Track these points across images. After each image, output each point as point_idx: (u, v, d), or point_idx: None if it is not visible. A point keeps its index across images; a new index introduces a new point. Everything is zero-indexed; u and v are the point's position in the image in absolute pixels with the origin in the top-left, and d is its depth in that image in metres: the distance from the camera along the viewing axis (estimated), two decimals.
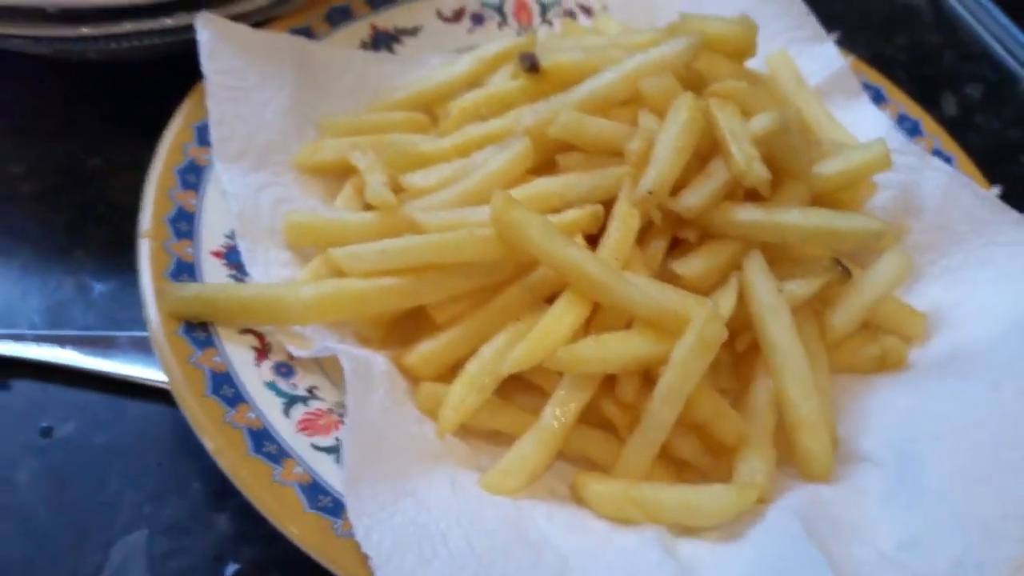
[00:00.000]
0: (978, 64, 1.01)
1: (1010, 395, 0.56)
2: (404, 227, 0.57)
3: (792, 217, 0.58)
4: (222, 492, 0.53)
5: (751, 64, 0.70)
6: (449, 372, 0.55)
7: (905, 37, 1.02)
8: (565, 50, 0.66)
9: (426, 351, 0.55)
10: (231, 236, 0.58)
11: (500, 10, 0.79)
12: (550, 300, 0.56)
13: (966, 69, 1.00)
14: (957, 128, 0.90)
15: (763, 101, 0.63)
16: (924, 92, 0.94)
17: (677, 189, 0.58)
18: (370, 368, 0.52)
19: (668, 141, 0.58)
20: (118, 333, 0.61)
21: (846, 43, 0.92)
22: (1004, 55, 1.02)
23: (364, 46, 0.73)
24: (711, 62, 0.64)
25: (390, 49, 0.74)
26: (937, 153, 0.74)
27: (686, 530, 0.52)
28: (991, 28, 1.04)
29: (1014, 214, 0.66)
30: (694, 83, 0.63)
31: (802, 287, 0.59)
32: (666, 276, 0.58)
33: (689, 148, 0.58)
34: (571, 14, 0.80)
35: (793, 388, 0.56)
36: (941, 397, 0.58)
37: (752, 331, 0.58)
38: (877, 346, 0.62)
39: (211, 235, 0.58)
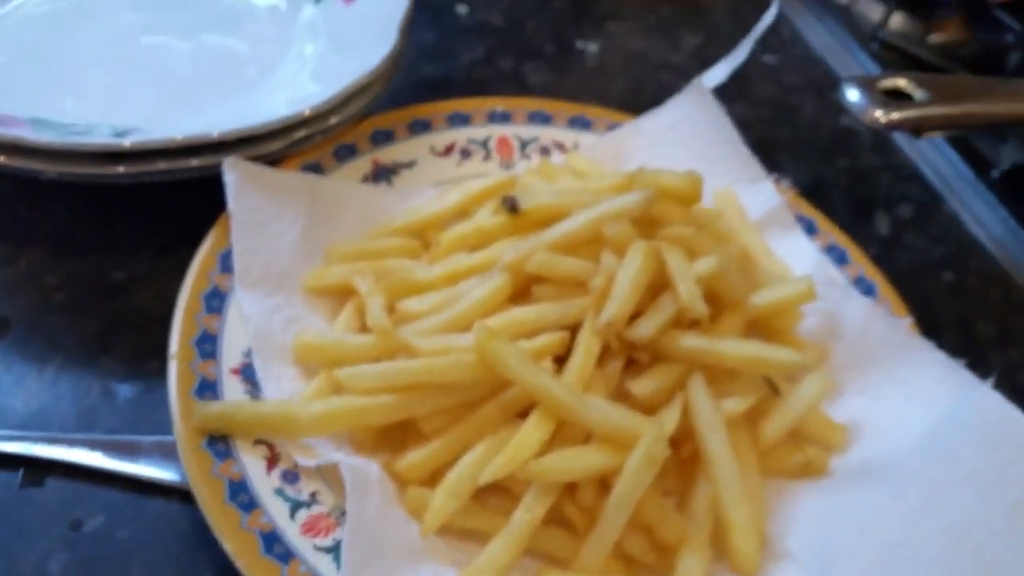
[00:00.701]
0: (910, 185, 1.12)
1: (911, 504, 0.65)
2: (399, 349, 0.67)
3: (728, 347, 0.68)
4: None
5: (703, 198, 0.81)
6: (433, 477, 0.64)
7: (845, 160, 1.13)
8: (542, 194, 0.76)
9: (414, 460, 0.64)
10: (247, 354, 0.67)
11: (485, 145, 0.90)
12: (522, 415, 0.65)
13: (899, 190, 1.11)
14: (888, 246, 1.02)
15: (707, 243, 0.73)
16: (860, 211, 1.06)
17: (632, 319, 0.68)
18: (366, 476, 0.61)
19: (625, 279, 0.68)
20: (142, 438, 0.68)
21: (790, 166, 1.04)
22: (932, 176, 1.13)
23: (366, 179, 0.84)
24: (664, 207, 0.75)
25: (389, 181, 0.85)
26: (861, 280, 0.85)
27: None
28: (922, 151, 1.16)
29: (923, 341, 0.76)
30: (648, 224, 0.74)
31: (736, 405, 0.69)
32: (622, 393, 0.68)
33: (643, 285, 0.68)
34: (546, 150, 0.91)
35: (727, 495, 0.65)
36: (855, 503, 0.68)
37: (694, 441, 0.68)
38: (802, 455, 0.72)
39: (231, 354, 0.66)
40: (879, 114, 0.86)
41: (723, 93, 0.95)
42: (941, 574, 0.61)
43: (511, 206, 0.75)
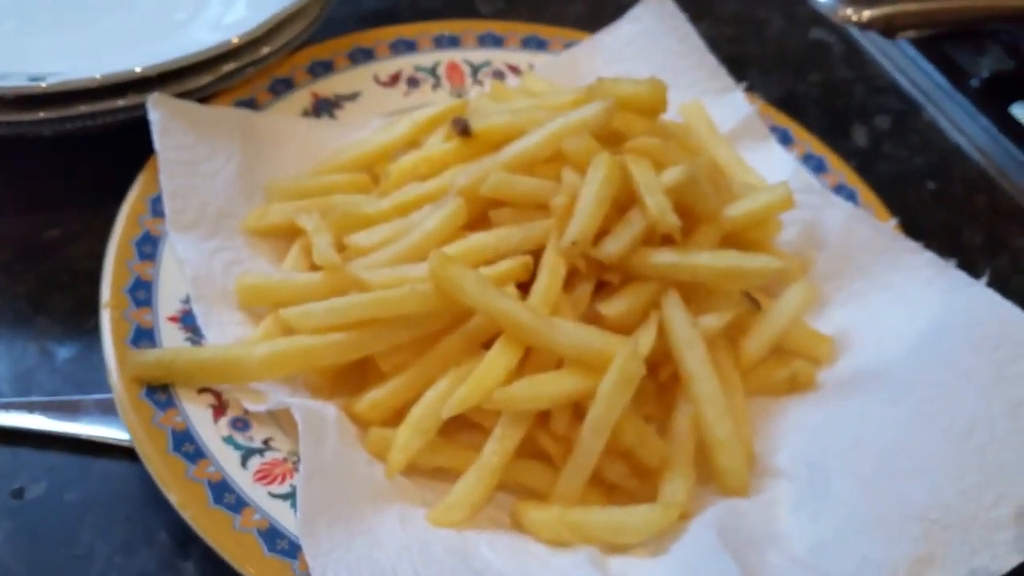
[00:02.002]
0: (886, 96, 1.08)
1: (906, 409, 0.62)
2: (350, 285, 0.62)
3: (703, 259, 0.64)
4: (187, 541, 0.57)
5: (668, 115, 0.76)
6: (396, 417, 0.60)
7: (817, 74, 1.09)
8: (494, 114, 0.71)
9: (374, 398, 0.60)
10: (186, 301, 0.63)
11: (433, 72, 0.84)
12: (487, 345, 0.61)
13: (875, 101, 1.07)
14: (868, 158, 0.98)
15: (675, 153, 0.68)
16: (836, 125, 1.02)
17: (599, 238, 0.64)
18: (321, 417, 0.57)
19: (589, 195, 0.63)
20: (83, 397, 0.64)
21: (759, 83, 0.99)
22: (908, 86, 1.09)
23: (306, 113, 0.78)
24: (626, 120, 0.70)
25: (331, 115, 0.79)
26: (841, 187, 0.81)
27: (616, 548, 0.57)
28: (897, 61, 1.12)
29: (910, 243, 0.72)
30: (611, 140, 0.69)
31: (715, 320, 0.65)
32: (592, 317, 0.64)
33: (608, 201, 0.63)
34: (500, 75, 0.86)
35: (709, 412, 0.61)
36: (846, 414, 0.64)
37: (672, 363, 0.64)
38: (787, 369, 0.68)
39: (168, 301, 0.62)
40: (850, 12, 0.82)
41: (686, 11, 0.90)
42: (943, 478, 0.57)
43: (462, 128, 0.70)
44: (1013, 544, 0.55)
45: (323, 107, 0.79)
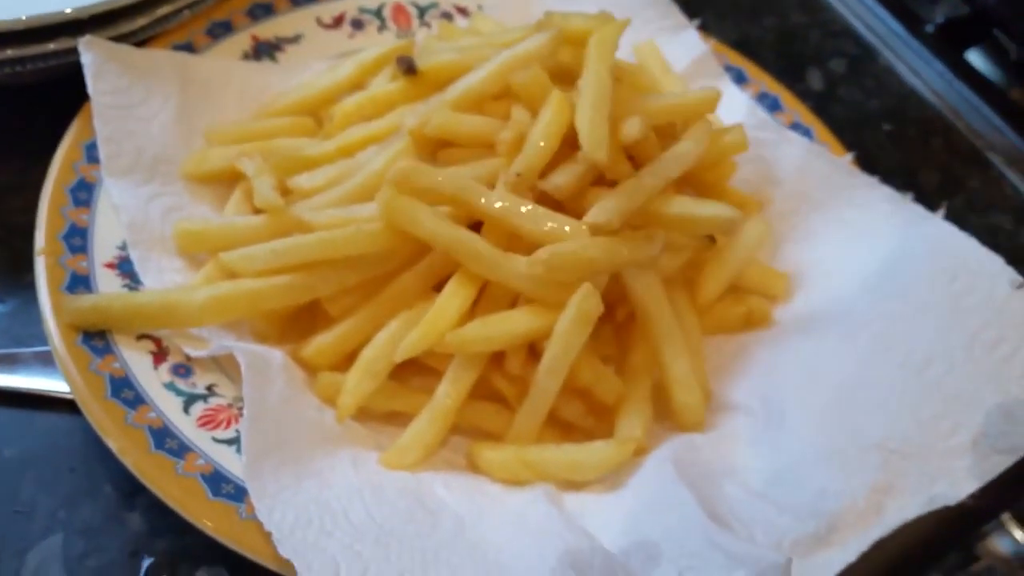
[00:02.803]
0: (841, 40, 1.07)
1: (863, 343, 0.61)
2: (293, 227, 0.60)
3: (657, 205, 0.62)
4: (132, 492, 0.56)
5: (622, 53, 0.75)
6: (346, 362, 0.58)
7: (772, 18, 1.08)
8: (441, 52, 0.69)
9: (322, 343, 0.58)
10: (123, 247, 0.60)
11: (379, 15, 0.82)
12: (438, 288, 0.59)
13: (830, 45, 1.06)
14: (823, 101, 0.98)
15: (626, 93, 0.67)
16: (791, 69, 1.00)
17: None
18: (267, 362, 0.55)
19: (537, 131, 0.62)
20: (21, 350, 0.62)
21: (714, 27, 0.98)
22: (864, 31, 1.08)
23: (246, 57, 0.75)
24: (576, 55, 0.68)
25: (272, 58, 0.77)
26: (796, 126, 0.80)
27: (573, 485, 0.56)
28: (852, 7, 1.11)
29: (866, 178, 0.72)
30: (563, 77, 0.67)
31: (670, 259, 0.64)
32: None
33: (557, 136, 0.62)
34: (448, 16, 0.83)
35: (666, 350, 0.61)
36: (803, 349, 0.64)
37: (629, 303, 0.63)
38: (743, 306, 0.67)
39: (104, 248, 0.60)
40: None
41: None
42: (900, 409, 0.57)
43: (407, 66, 0.67)
44: (970, 471, 0.55)
45: (264, 50, 0.77)
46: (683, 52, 0.82)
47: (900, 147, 0.94)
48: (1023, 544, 0.58)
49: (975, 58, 1.05)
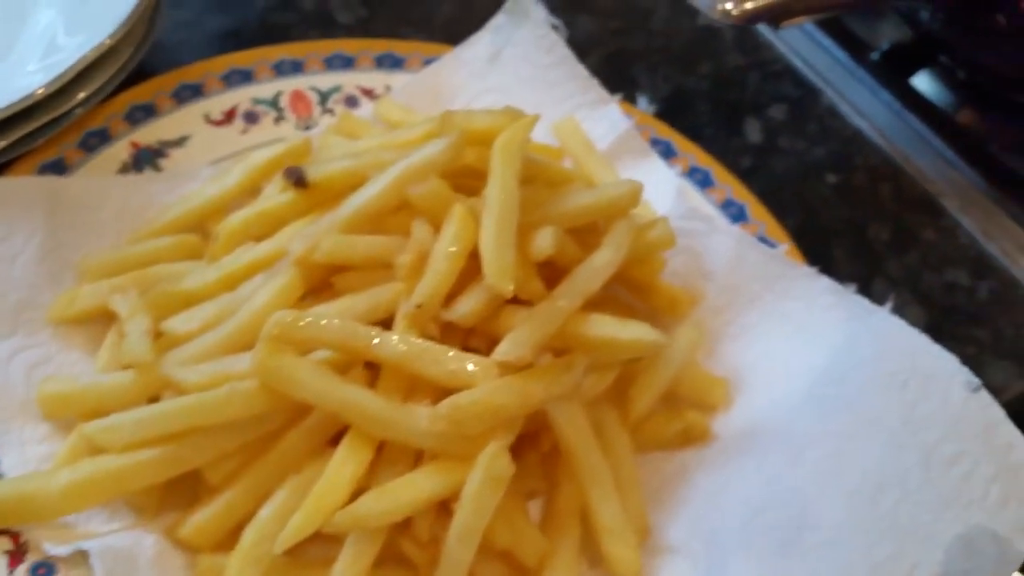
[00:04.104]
0: (781, 82, 1.02)
1: (809, 468, 0.56)
2: (164, 386, 0.53)
3: (574, 327, 0.56)
4: None
5: (541, 133, 0.68)
6: (230, 538, 0.52)
7: (707, 64, 1.02)
8: (335, 159, 0.63)
9: (200, 521, 0.52)
10: None
11: (275, 104, 0.75)
12: (334, 442, 0.53)
13: (770, 89, 1.01)
14: (762, 154, 0.92)
15: (539, 195, 0.61)
16: (728, 120, 0.95)
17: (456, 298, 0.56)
18: (133, 560, 0.48)
19: (439, 252, 0.56)
20: None
21: (645, 81, 0.92)
22: (805, 69, 1.03)
23: (125, 168, 0.68)
24: (483, 157, 0.62)
25: (155, 166, 0.69)
26: (729, 203, 0.74)
27: None
28: (791, 42, 1.05)
29: (804, 268, 0.66)
30: (468, 179, 0.61)
31: (596, 381, 0.58)
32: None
33: (460, 256, 0.56)
34: (352, 100, 0.76)
35: (594, 493, 0.55)
36: (744, 476, 0.58)
37: (554, 431, 0.57)
38: (679, 421, 0.62)
39: None
40: (729, 6, 0.74)
41: (563, 6, 0.82)
42: (852, 553, 0.52)
43: (297, 179, 0.61)
44: None
45: (144, 158, 0.69)
46: (606, 128, 0.76)
47: (846, 200, 0.89)
48: None
49: (921, 82, 1.00)
